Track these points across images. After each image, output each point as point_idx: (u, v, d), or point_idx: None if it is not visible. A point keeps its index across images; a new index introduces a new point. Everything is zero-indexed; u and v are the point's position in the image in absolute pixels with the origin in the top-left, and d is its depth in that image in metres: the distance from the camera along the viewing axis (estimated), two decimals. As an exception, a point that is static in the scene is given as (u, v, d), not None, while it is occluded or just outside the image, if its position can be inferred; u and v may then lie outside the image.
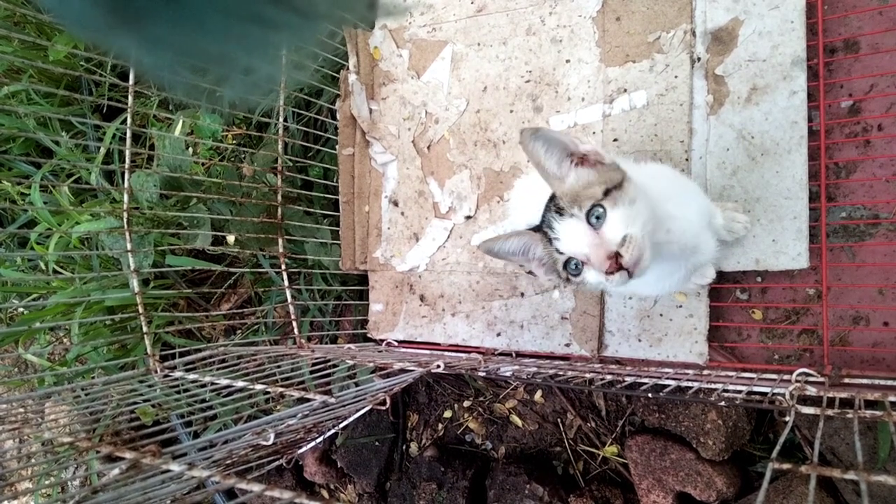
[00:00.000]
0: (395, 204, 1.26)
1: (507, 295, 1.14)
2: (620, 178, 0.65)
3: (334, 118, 1.31)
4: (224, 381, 0.88)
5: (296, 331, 1.20)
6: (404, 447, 1.34)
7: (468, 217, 1.18)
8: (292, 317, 1.20)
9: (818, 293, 0.96)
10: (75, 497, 0.60)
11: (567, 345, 1.08)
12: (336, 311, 1.38)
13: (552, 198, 0.69)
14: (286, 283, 1.21)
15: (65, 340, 1.56)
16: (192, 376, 0.93)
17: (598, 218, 0.64)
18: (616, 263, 0.62)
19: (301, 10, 0.28)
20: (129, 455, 0.53)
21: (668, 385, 0.85)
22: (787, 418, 0.64)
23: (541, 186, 0.85)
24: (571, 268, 0.67)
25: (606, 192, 0.64)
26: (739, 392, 0.78)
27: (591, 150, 0.67)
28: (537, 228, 0.71)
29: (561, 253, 0.67)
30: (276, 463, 1.20)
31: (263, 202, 1.26)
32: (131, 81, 1.02)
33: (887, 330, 0.92)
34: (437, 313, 1.21)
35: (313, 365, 1.02)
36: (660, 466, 1.02)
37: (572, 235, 0.65)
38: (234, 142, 1.50)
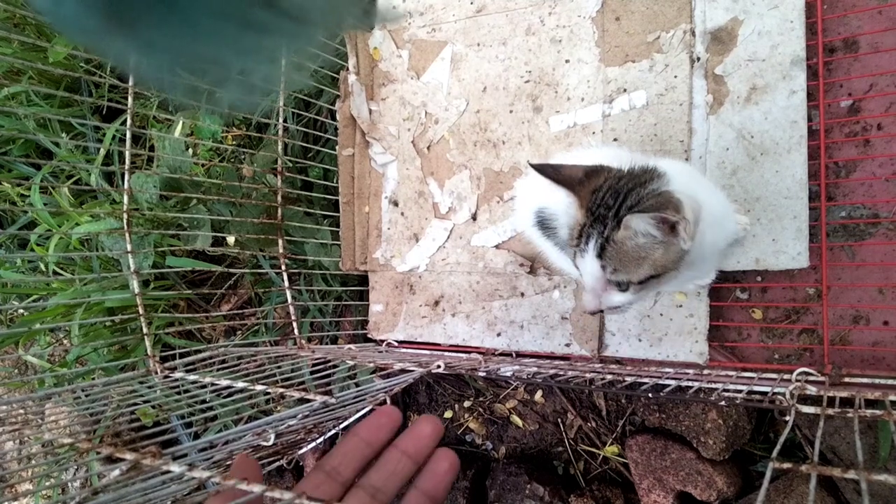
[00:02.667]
0: (395, 204, 1.26)
1: (507, 295, 1.14)
2: (674, 268, 0.65)
3: (334, 119, 1.31)
4: (224, 382, 0.88)
5: (296, 331, 1.20)
6: (405, 448, 1.34)
7: (473, 218, 1.18)
8: (292, 317, 1.20)
9: (818, 292, 0.96)
10: (76, 498, 0.60)
11: (567, 345, 1.08)
12: (336, 311, 1.38)
13: (604, 228, 0.65)
14: (286, 283, 1.21)
15: (65, 342, 1.56)
16: (192, 377, 0.93)
17: (617, 284, 0.66)
18: (597, 309, 0.69)
19: (295, 16, 0.28)
20: (129, 456, 0.53)
21: (669, 385, 0.85)
22: (787, 418, 0.64)
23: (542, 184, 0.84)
24: (573, 256, 0.70)
25: (647, 279, 0.64)
26: (740, 391, 0.78)
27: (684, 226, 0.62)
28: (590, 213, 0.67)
29: (574, 253, 0.69)
30: (277, 464, 1.20)
31: (263, 203, 1.26)
32: (131, 83, 1.02)
33: (887, 329, 0.92)
34: (437, 314, 1.21)
35: (313, 365, 1.02)
36: (660, 466, 1.02)
37: (590, 268, 0.67)
38: (234, 143, 1.50)
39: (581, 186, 0.68)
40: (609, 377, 0.91)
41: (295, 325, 1.20)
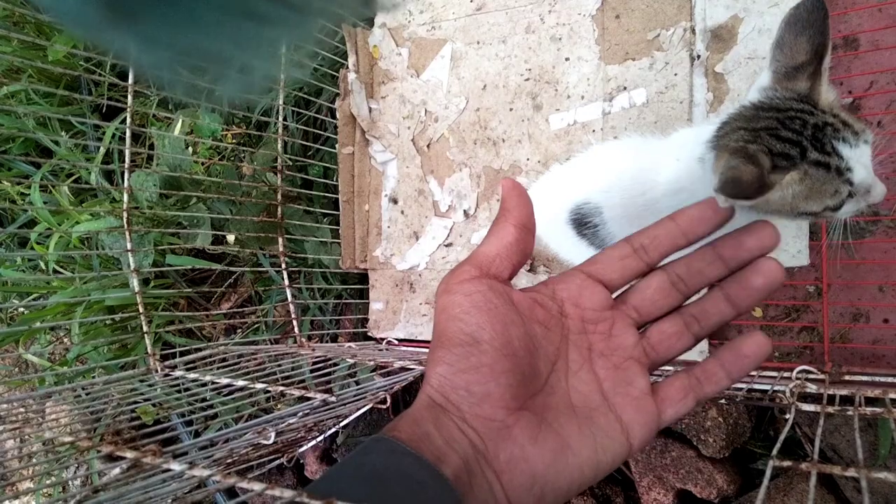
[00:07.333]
0: (395, 202, 1.26)
1: (508, 293, 1.14)
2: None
3: (334, 117, 1.31)
4: (224, 380, 0.88)
5: (296, 329, 1.20)
6: (405, 446, 1.34)
7: (465, 214, 1.18)
8: (292, 316, 1.20)
9: (818, 290, 0.96)
10: (76, 496, 0.60)
11: (567, 343, 1.08)
12: (336, 309, 1.38)
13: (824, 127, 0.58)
14: (286, 281, 1.21)
15: (65, 340, 1.56)
16: (192, 375, 0.93)
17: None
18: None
19: (295, 5, 0.28)
20: (129, 454, 0.53)
21: (669, 383, 0.84)
22: (787, 415, 0.64)
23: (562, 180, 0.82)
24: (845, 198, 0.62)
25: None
26: (740, 389, 0.78)
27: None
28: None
29: (850, 184, 0.62)
30: (277, 462, 1.20)
31: (263, 201, 1.26)
32: (131, 81, 1.02)
33: (887, 327, 0.92)
34: (437, 312, 1.21)
35: (314, 364, 1.03)
36: (660, 464, 1.02)
37: (865, 160, 0.59)
38: (234, 141, 1.50)
39: None
40: (609, 375, 0.90)
41: (295, 323, 1.20)
